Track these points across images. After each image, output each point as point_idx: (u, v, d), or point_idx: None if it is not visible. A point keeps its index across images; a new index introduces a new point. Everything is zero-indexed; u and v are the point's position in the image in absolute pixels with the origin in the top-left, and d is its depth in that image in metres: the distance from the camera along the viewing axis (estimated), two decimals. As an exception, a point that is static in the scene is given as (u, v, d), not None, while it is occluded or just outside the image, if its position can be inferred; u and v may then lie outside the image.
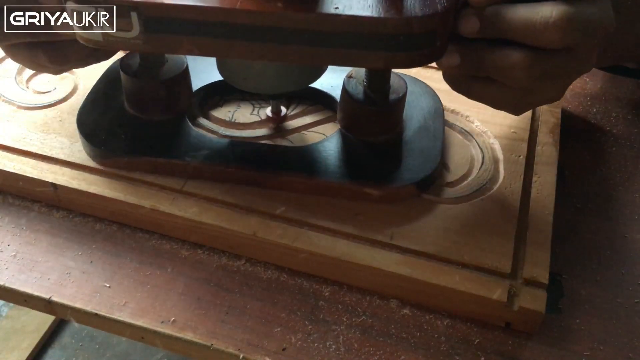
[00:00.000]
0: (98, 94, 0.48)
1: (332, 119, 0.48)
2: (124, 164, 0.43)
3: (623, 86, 0.57)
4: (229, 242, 0.42)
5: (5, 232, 0.43)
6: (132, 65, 0.45)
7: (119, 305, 0.39)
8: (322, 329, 0.38)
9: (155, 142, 0.44)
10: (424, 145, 0.44)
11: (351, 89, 0.44)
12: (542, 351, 0.38)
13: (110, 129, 0.45)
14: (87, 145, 0.44)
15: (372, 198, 0.42)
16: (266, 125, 0.48)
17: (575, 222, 0.45)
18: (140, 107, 0.46)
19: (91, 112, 0.46)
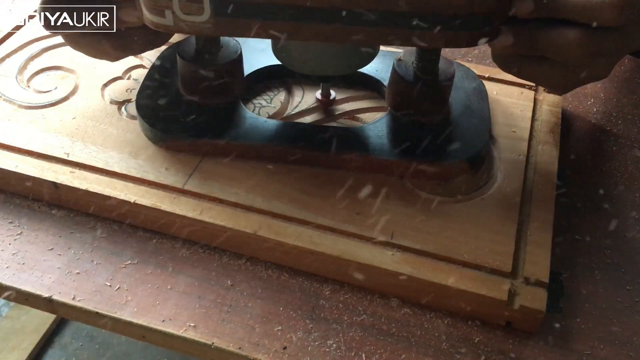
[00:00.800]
0: (153, 80, 0.49)
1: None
2: (186, 146, 0.45)
3: (623, 86, 0.57)
4: (229, 241, 0.42)
5: (6, 230, 0.43)
6: (189, 52, 0.46)
7: (120, 304, 0.39)
8: (323, 328, 0.39)
9: (213, 125, 0.45)
10: (472, 123, 0.46)
11: (402, 71, 0.45)
12: (542, 350, 0.38)
13: (169, 113, 0.46)
14: (149, 128, 0.46)
15: (426, 175, 0.44)
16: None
17: (575, 222, 0.45)
18: (196, 91, 0.47)
19: (149, 97, 0.48)
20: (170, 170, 0.44)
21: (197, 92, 0.47)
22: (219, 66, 0.45)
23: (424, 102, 0.45)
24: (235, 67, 0.46)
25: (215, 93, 0.47)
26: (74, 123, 0.48)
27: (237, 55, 0.46)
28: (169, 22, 0.37)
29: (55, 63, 0.53)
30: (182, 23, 0.37)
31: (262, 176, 0.44)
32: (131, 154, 0.45)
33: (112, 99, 0.50)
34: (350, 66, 0.44)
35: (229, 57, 0.46)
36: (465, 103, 0.48)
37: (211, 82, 0.46)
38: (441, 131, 0.46)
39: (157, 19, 0.38)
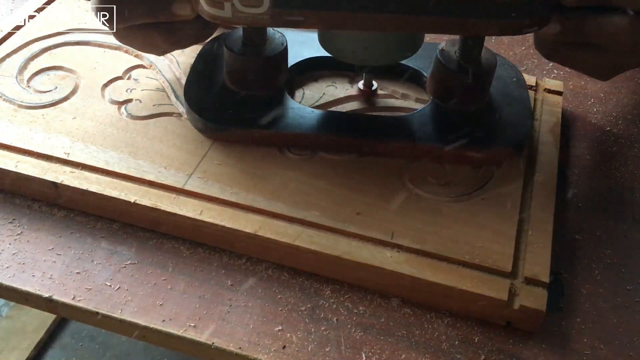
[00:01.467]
0: (198, 73, 0.50)
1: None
2: (237, 136, 0.46)
3: (623, 86, 0.57)
4: (230, 240, 0.42)
5: (6, 230, 0.43)
6: (236, 44, 0.47)
7: (120, 304, 0.39)
8: (323, 328, 0.39)
9: (262, 115, 0.46)
10: (513, 110, 0.48)
11: (445, 60, 0.46)
12: (542, 350, 0.38)
13: (217, 104, 0.47)
14: (200, 120, 0.46)
15: (473, 161, 0.45)
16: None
17: (575, 221, 0.45)
18: (243, 83, 0.48)
19: (196, 89, 0.49)
20: (170, 170, 0.44)
21: (244, 83, 0.48)
22: (266, 58, 0.46)
23: (468, 91, 0.46)
24: (281, 59, 0.47)
25: (261, 84, 0.48)
26: (74, 123, 0.48)
27: (283, 47, 0.47)
28: (228, 14, 0.38)
29: (55, 63, 0.53)
30: (241, 15, 0.38)
31: (262, 176, 0.44)
32: (131, 153, 0.45)
33: (112, 99, 0.50)
34: (399, 56, 0.46)
35: (275, 49, 0.47)
36: (504, 91, 0.49)
37: (258, 74, 0.47)
38: (485, 118, 0.47)
39: (216, 11, 0.39)
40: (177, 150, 0.46)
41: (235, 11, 0.38)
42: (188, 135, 0.47)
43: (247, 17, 0.39)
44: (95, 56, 0.54)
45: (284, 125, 0.46)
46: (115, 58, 0.54)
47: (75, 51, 0.55)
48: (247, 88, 0.48)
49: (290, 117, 0.46)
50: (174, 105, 0.50)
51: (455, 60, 0.46)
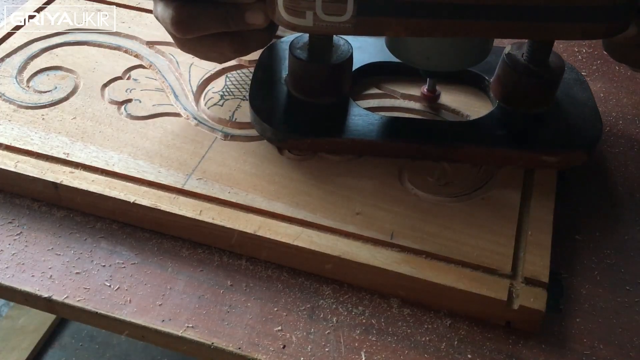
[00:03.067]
0: (260, 82, 0.50)
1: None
2: (307, 145, 0.46)
3: (623, 86, 0.57)
4: (229, 241, 0.42)
5: (6, 231, 0.43)
6: (303, 51, 0.46)
7: (119, 304, 0.39)
8: (323, 328, 0.39)
9: (331, 123, 0.46)
10: (581, 113, 0.47)
11: (513, 64, 0.46)
12: (542, 350, 0.38)
13: (285, 113, 0.47)
14: (270, 129, 0.46)
15: (547, 164, 0.45)
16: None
17: (575, 222, 0.45)
18: (310, 91, 0.47)
19: (262, 99, 0.48)
20: (170, 171, 0.44)
21: (310, 90, 0.47)
22: (333, 66, 0.46)
23: (536, 94, 0.46)
24: (347, 66, 0.47)
25: (327, 91, 0.47)
26: (74, 123, 0.48)
27: (349, 54, 0.46)
28: (309, 23, 0.38)
29: (55, 63, 0.53)
30: (322, 23, 0.38)
31: (262, 176, 0.44)
32: (131, 154, 0.45)
33: (111, 99, 0.50)
34: (471, 61, 0.45)
35: (342, 57, 0.46)
36: (568, 93, 0.49)
37: (324, 81, 0.47)
38: (554, 121, 0.46)
39: (297, 20, 0.38)
40: (176, 150, 0.46)
41: (317, 20, 0.38)
42: (188, 135, 0.47)
43: (329, 26, 0.38)
44: (95, 56, 0.54)
45: (354, 132, 0.45)
46: (115, 58, 0.54)
47: (75, 51, 0.55)
48: (314, 96, 0.47)
49: (359, 125, 0.46)
50: (173, 105, 0.50)
51: (523, 64, 0.46)
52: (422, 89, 0.50)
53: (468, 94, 0.51)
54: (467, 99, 0.51)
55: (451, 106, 0.50)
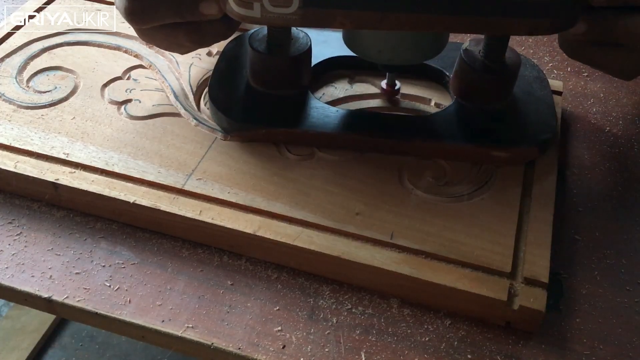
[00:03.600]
0: (221, 72, 0.50)
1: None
2: (261, 136, 0.46)
3: (623, 86, 0.57)
4: (229, 241, 0.42)
5: (6, 231, 0.43)
6: (260, 43, 0.47)
7: (119, 304, 0.39)
8: (323, 328, 0.39)
9: (286, 114, 0.47)
10: (537, 110, 0.48)
11: (470, 60, 0.46)
12: (542, 350, 0.38)
13: (242, 104, 0.48)
14: (225, 119, 0.46)
15: (498, 160, 0.45)
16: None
17: (575, 222, 0.45)
18: (268, 82, 0.48)
19: (221, 89, 0.48)
20: (170, 171, 0.44)
21: (268, 82, 0.48)
22: (292, 58, 0.46)
23: (492, 90, 0.47)
24: (306, 58, 0.47)
25: (285, 83, 0.48)
26: (74, 123, 0.48)
27: (307, 47, 0.47)
28: (257, 14, 0.39)
29: (54, 63, 0.53)
30: (270, 15, 0.38)
31: (262, 176, 0.44)
32: (130, 154, 0.45)
33: (111, 99, 0.50)
34: (425, 55, 0.45)
35: (300, 49, 0.47)
36: (527, 90, 0.49)
37: (283, 73, 0.47)
38: (509, 118, 0.47)
39: (245, 12, 0.39)
40: (176, 150, 0.46)
41: (265, 11, 0.38)
42: (187, 135, 0.47)
43: (276, 17, 0.39)
44: (94, 56, 0.54)
45: (309, 124, 0.46)
46: (115, 58, 0.54)
47: (75, 51, 0.55)
48: (272, 87, 0.48)
49: (315, 117, 0.46)
50: (173, 105, 0.50)
51: (479, 60, 0.46)
52: (382, 83, 0.50)
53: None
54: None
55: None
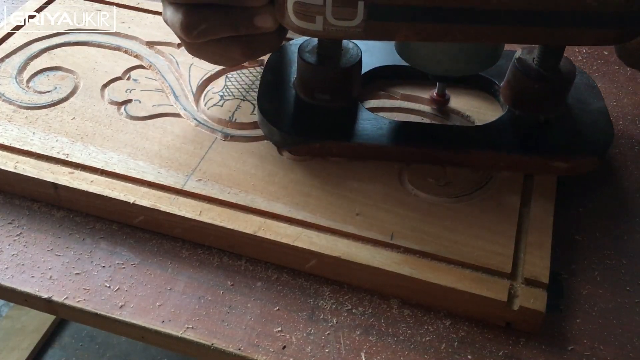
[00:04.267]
0: (268, 84, 0.49)
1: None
2: (317, 149, 0.45)
3: (623, 86, 0.57)
4: (229, 241, 0.42)
5: (6, 231, 0.43)
6: (311, 55, 0.45)
7: (119, 305, 0.39)
8: (323, 329, 0.38)
9: (340, 127, 0.46)
10: (593, 119, 0.47)
11: (524, 69, 0.45)
12: (542, 351, 0.38)
13: (293, 117, 0.47)
14: (277, 132, 0.45)
15: (558, 171, 0.44)
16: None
17: (575, 222, 0.45)
18: (319, 94, 0.46)
19: (270, 101, 0.47)
20: (170, 171, 0.44)
21: (318, 94, 0.46)
22: (343, 69, 0.45)
23: (547, 99, 0.45)
24: (357, 70, 0.46)
25: (337, 96, 0.47)
26: (74, 124, 0.48)
27: (358, 58, 0.46)
28: (319, 28, 0.38)
29: (54, 63, 0.53)
30: (332, 28, 0.38)
31: (262, 177, 0.44)
32: (130, 154, 0.45)
33: (111, 99, 0.50)
34: (483, 66, 0.45)
35: (351, 60, 0.45)
36: (579, 98, 0.48)
37: (334, 85, 0.46)
38: (565, 127, 0.46)
39: (306, 25, 0.38)
40: (176, 150, 0.46)
41: (327, 24, 0.38)
42: (187, 135, 0.47)
43: (338, 30, 0.38)
44: (94, 56, 0.54)
45: (364, 137, 0.45)
46: (115, 58, 0.54)
47: (75, 51, 0.55)
48: (322, 99, 0.46)
49: (368, 129, 0.46)
50: (173, 105, 0.50)
51: (534, 69, 0.45)
52: (432, 93, 0.49)
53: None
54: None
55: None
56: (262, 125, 0.47)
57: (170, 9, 0.40)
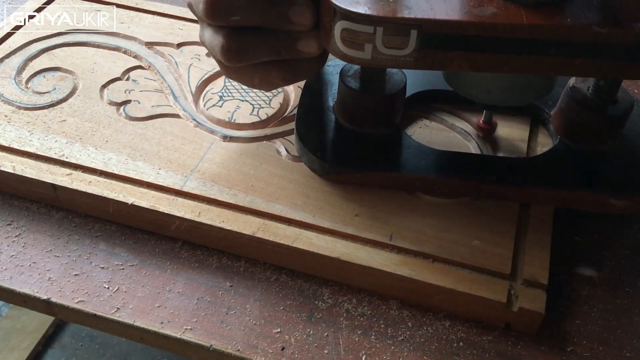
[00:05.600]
0: (306, 109, 0.47)
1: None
2: (357, 178, 0.43)
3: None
4: (228, 242, 0.42)
5: (5, 232, 0.43)
6: (354, 80, 0.44)
7: (118, 306, 0.39)
8: (322, 330, 0.38)
9: (382, 156, 0.44)
10: None
11: (578, 98, 0.43)
12: (541, 352, 0.38)
13: (333, 144, 0.45)
14: (317, 161, 0.43)
15: (613, 209, 0.42)
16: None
17: (575, 222, 0.45)
18: (361, 121, 0.45)
19: (308, 127, 0.46)
20: (169, 172, 0.44)
21: (360, 121, 0.45)
22: (387, 96, 0.43)
23: (603, 130, 0.43)
24: (400, 96, 0.44)
25: (379, 122, 0.45)
26: (73, 124, 0.48)
27: (403, 84, 0.44)
28: (367, 56, 0.36)
29: (54, 64, 0.53)
30: (381, 57, 0.36)
31: (261, 178, 0.44)
32: (129, 155, 0.45)
33: (110, 100, 0.50)
34: (537, 96, 0.42)
35: (395, 87, 0.43)
36: (635, 129, 0.45)
37: (377, 112, 0.44)
38: (621, 160, 0.43)
39: (354, 53, 0.36)
40: (175, 151, 0.46)
41: (376, 53, 0.35)
42: (186, 136, 0.47)
43: (388, 59, 0.36)
44: (94, 57, 0.54)
45: (407, 167, 0.43)
46: (114, 59, 0.54)
47: (74, 52, 0.55)
48: (364, 126, 0.45)
49: (411, 158, 0.43)
50: (172, 106, 0.50)
51: (589, 98, 0.43)
52: (478, 120, 0.47)
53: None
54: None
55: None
56: (300, 152, 0.45)
57: (209, 31, 0.38)
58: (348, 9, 0.34)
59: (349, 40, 0.35)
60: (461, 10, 0.34)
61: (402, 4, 0.35)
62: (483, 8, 0.34)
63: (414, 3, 0.35)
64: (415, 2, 0.35)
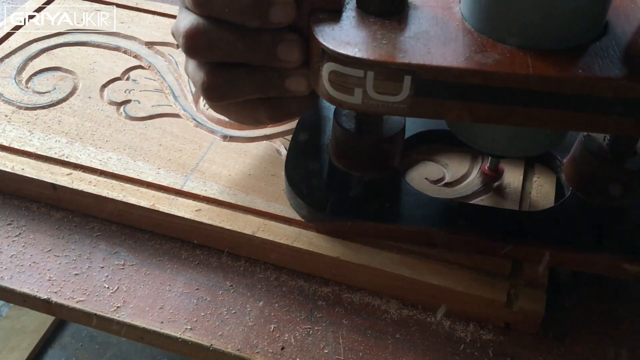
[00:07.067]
0: (299, 146, 0.44)
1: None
2: (348, 228, 0.40)
3: None
4: (228, 242, 0.42)
5: (5, 232, 0.43)
6: (349, 120, 0.40)
7: (118, 305, 0.39)
8: (322, 329, 0.38)
9: (376, 203, 0.41)
10: None
11: (593, 148, 0.39)
12: (541, 352, 0.38)
13: (324, 188, 0.42)
14: (305, 206, 0.41)
15: (629, 274, 0.38)
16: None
17: (575, 222, 0.45)
18: (355, 164, 0.41)
19: (298, 168, 0.43)
20: (169, 172, 0.44)
21: (355, 164, 0.41)
22: (384, 138, 0.40)
23: (619, 183, 0.39)
24: (399, 138, 0.41)
25: (375, 166, 0.41)
26: (73, 124, 0.48)
27: (401, 126, 0.40)
28: (357, 101, 0.33)
29: (54, 64, 0.53)
30: (372, 102, 0.33)
31: (261, 177, 0.44)
32: (129, 155, 0.45)
33: (110, 99, 0.50)
34: (546, 147, 0.38)
35: (394, 129, 0.40)
36: None
37: (374, 155, 0.40)
38: (638, 218, 0.40)
39: (342, 97, 0.33)
40: (175, 151, 0.46)
41: (367, 98, 0.33)
42: (186, 136, 0.47)
43: (380, 105, 0.33)
44: (94, 57, 0.54)
45: (403, 217, 0.40)
46: (114, 59, 0.54)
47: (74, 52, 0.55)
48: (359, 169, 0.41)
49: (408, 208, 0.40)
50: (172, 106, 0.50)
51: (605, 149, 0.39)
52: (483, 166, 0.44)
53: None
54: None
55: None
56: (288, 195, 0.42)
57: (192, 64, 0.36)
58: (337, 51, 0.32)
59: (338, 83, 0.33)
60: (461, 55, 0.31)
61: (397, 47, 0.32)
62: (486, 54, 0.31)
63: (410, 46, 0.32)
64: (412, 44, 0.32)
